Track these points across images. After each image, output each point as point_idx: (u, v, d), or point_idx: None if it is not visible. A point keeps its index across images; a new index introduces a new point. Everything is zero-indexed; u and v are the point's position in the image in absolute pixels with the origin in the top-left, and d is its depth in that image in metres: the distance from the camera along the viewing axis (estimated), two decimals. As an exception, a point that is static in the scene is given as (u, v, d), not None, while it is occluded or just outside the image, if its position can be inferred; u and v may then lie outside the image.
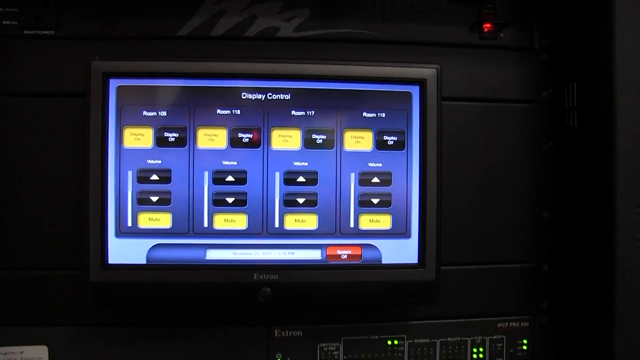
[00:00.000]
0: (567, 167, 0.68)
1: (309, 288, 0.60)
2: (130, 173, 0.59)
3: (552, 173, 0.69)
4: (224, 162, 0.60)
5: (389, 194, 0.61)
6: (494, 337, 0.69)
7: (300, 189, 0.61)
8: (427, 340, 0.68)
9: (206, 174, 0.60)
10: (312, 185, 0.61)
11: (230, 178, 0.60)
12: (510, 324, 0.69)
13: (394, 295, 0.61)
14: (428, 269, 0.61)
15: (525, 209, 0.69)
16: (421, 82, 0.61)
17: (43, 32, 0.63)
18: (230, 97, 0.60)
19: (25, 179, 0.63)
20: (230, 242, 0.60)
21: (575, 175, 0.68)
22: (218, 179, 0.60)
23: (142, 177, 0.60)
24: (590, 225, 0.64)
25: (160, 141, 0.60)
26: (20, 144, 0.63)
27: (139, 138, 0.60)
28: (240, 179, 0.60)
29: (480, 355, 0.69)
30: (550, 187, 0.69)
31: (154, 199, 0.59)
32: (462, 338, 0.68)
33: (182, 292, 0.59)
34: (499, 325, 0.69)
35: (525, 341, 0.70)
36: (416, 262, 0.62)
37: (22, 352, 0.64)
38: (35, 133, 0.63)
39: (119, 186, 0.59)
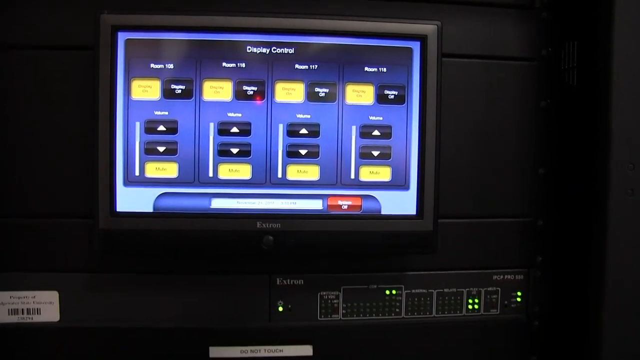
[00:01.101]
0: (564, 124, 0.70)
1: (310, 237, 0.62)
2: (138, 124, 0.61)
3: (549, 130, 0.70)
4: (229, 114, 0.62)
5: (389, 147, 0.63)
6: (489, 288, 0.71)
7: (303, 141, 0.62)
8: (424, 291, 0.70)
9: (211, 125, 0.61)
10: (314, 137, 0.62)
11: (235, 129, 0.62)
12: (505, 276, 0.71)
13: (393, 245, 0.63)
14: (426, 220, 0.63)
15: (522, 165, 0.70)
16: (422, 38, 0.62)
17: (52, -15, 0.64)
18: (235, 51, 0.61)
19: (36, 130, 0.64)
20: (234, 191, 0.62)
21: (571, 132, 0.69)
22: (223, 130, 0.62)
23: (150, 128, 0.61)
24: (585, 180, 0.66)
25: (167, 93, 0.61)
26: (30, 97, 0.64)
27: (146, 90, 0.61)
28: (245, 131, 0.62)
29: (476, 306, 0.71)
30: (547, 143, 0.70)
31: (161, 149, 0.61)
32: (458, 289, 0.70)
33: (187, 240, 0.61)
34: (494, 277, 0.71)
35: (519, 293, 0.72)
36: (414, 213, 0.63)
37: (34, 296, 0.67)
38: (45, 86, 0.64)
39: (127, 137, 0.61)
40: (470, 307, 0.71)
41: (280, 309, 0.68)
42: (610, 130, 0.61)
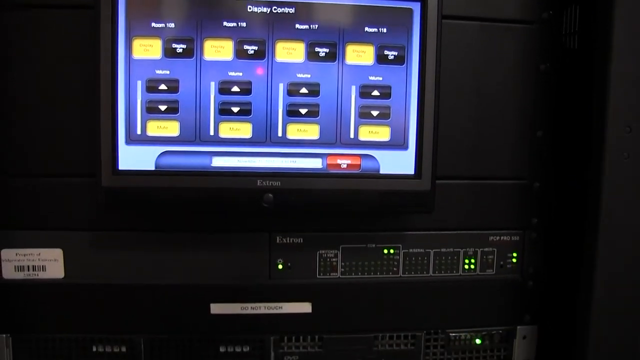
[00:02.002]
0: (563, 88, 0.70)
1: (310, 195, 0.63)
2: (139, 83, 0.62)
3: (547, 93, 0.71)
4: (230, 73, 0.62)
5: (388, 107, 0.64)
6: (485, 249, 0.72)
7: (303, 100, 0.63)
8: (422, 250, 0.71)
9: (212, 84, 0.62)
10: (314, 97, 0.63)
11: (235, 88, 0.62)
12: (501, 237, 0.72)
13: (391, 204, 0.64)
14: (424, 180, 0.64)
15: (520, 127, 0.71)
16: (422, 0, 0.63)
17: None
18: (236, 10, 0.62)
19: (38, 89, 0.65)
20: (235, 149, 0.63)
21: (570, 96, 0.70)
22: (224, 89, 0.62)
23: (151, 87, 0.62)
24: (581, 143, 0.66)
25: (169, 52, 0.61)
26: (32, 56, 0.64)
27: (147, 49, 0.61)
28: (245, 90, 0.62)
29: (472, 266, 0.72)
30: (545, 107, 0.71)
31: (162, 107, 0.62)
32: (455, 249, 0.72)
33: (188, 197, 0.62)
34: (491, 238, 0.72)
35: (514, 254, 0.73)
36: (413, 173, 0.64)
37: (39, 254, 0.68)
38: (47, 45, 0.65)
39: (128, 95, 0.61)
40: (466, 267, 0.72)
41: (280, 266, 0.69)
42: (609, 94, 0.62)
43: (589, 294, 0.66)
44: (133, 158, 0.62)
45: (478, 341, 0.74)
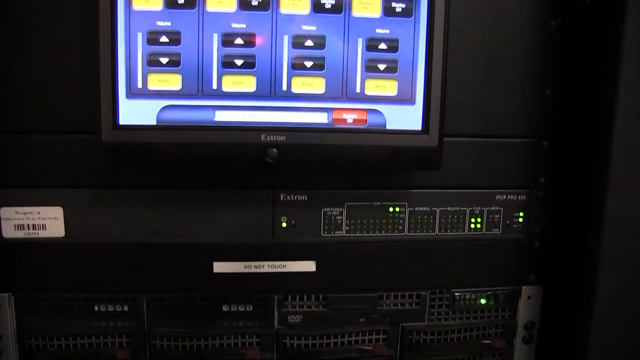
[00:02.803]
0: (574, 45, 0.69)
1: (315, 150, 0.62)
2: (139, 35, 0.60)
3: (557, 50, 0.69)
4: (233, 25, 0.60)
5: (395, 61, 0.62)
6: (492, 208, 0.71)
7: (308, 53, 0.61)
8: (427, 209, 0.70)
9: (215, 36, 0.60)
10: (319, 49, 0.61)
11: (239, 40, 0.60)
12: (508, 196, 0.71)
13: (398, 161, 0.63)
14: (431, 136, 0.63)
15: (529, 85, 0.69)
16: (431, -51, 0.61)
17: None
18: (239, -41, 0.60)
19: (37, 43, 0.63)
20: (238, 103, 0.61)
21: (581, 53, 0.68)
22: (227, 41, 0.60)
23: (152, 39, 0.60)
24: (591, 102, 0.65)
25: (170, 3, 0.60)
26: (29, 9, 0.63)
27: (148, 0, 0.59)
28: (249, 42, 0.61)
29: (478, 225, 0.71)
30: (555, 64, 0.69)
31: (164, 60, 0.60)
32: (461, 208, 0.71)
33: (191, 152, 0.61)
34: (497, 197, 0.71)
35: (521, 213, 0.72)
36: (420, 128, 0.63)
37: (39, 212, 0.67)
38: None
39: (129, 48, 0.60)
40: (472, 226, 0.71)
41: (284, 224, 0.68)
42: (621, 51, 0.60)
43: (595, 255, 0.65)
44: (134, 112, 0.61)
45: (483, 301, 0.73)
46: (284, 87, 0.61)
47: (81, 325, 0.70)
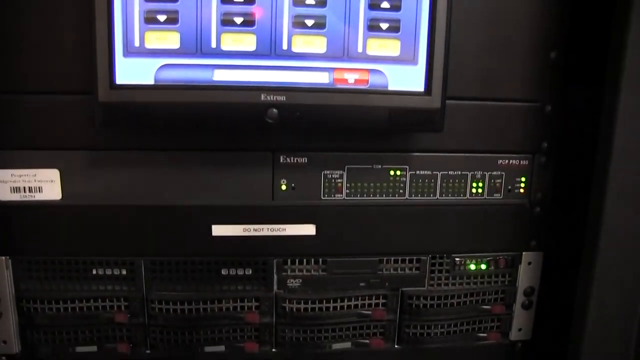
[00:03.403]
0: (579, 6, 0.67)
1: (315, 110, 0.61)
2: (137, -9, 0.58)
3: (563, 12, 0.67)
4: (232, -19, 0.59)
5: (398, 20, 0.61)
6: (494, 173, 0.71)
7: (309, 11, 0.60)
8: (429, 172, 0.69)
9: (214, -8, 0.59)
10: (321, 7, 0.60)
11: (238, -3, 0.59)
12: (510, 161, 0.71)
13: (400, 122, 0.62)
14: (434, 97, 0.62)
15: (533, 48, 0.68)
16: None
17: None
18: None
19: (32, 4, 0.61)
20: (238, 62, 0.60)
21: (587, 15, 0.67)
22: (226, -2, 0.59)
23: (149, -4, 0.58)
24: (597, 65, 0.64)
25: (168, -42, 0.58)
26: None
27: (145, -46, 0.58)
28: (249, -1, 0.59)
29: (480, 190, 0.71)
30: (561, 26, 0.68)
31: (161, 18, 0.59)
32: (463, 172, 0.70)
33: (189, 112, 0.60)
34: (499, 161, 0.70)
35: (523, 179, 0.71)
36: (422, 89, 0.62)
37: (35, 175, 0.66)
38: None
39: (125, 5, 0.58)
40: (474, 190, 0.70)
41: (284, 187, 0.68)
42: (630, 12, 0.59)
43: (597, 221, 0.64)
44: (131, 71, 0.59)
45: (483, 266, 0.73)
46: (284, 46, 0.60)
47: (79, 288, 0.70)
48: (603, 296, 0.67)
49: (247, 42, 0.60)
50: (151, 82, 0.60)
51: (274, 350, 0.73)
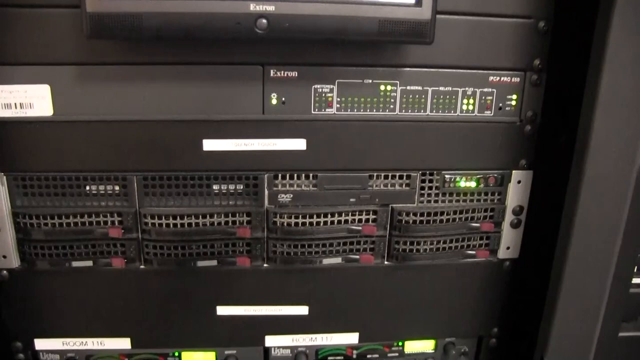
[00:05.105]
0: None
1: (305, 20, 0.60)
2: None
3: None
4: None
5: None
6: (485, 89, 0.70)
7: None
8: (419, 88, 0.69)
9: None
10: None
11: None
12: (502, 78, 0.70)
13: (390, 33, 0.61)
14: (424, 8, 0.61)
15: (527, -39, 0.67)
16: None
17: None
18: None
19: None
20: (226, -30, 0.59)
21: None
22: None
23: None
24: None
25: None
26: None
27: None
28: None
29: (470, 107, 0.71)
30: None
31: None
32: (454, 88, 0.70)
33: (178, 23, 0.59)
34: (491, 78, 0.70)
35: (514, 96, 0.71)
36: (412, 0, 0.61)
37: (25, 90, 0.66)
38: None
39: None
40: (465, 107, 0.70)
41: (274, 101, 0.68)
42: None
43: (586, 139, 0.65)
44: (119, -19, 0.58)
45: (473, 184, 0.74)
46: (273, -46, 0.59)
47: (74, 204, 0.71)
48: (588, 215, 0.67)
49: (234, -51, 0.59)
50: (139, -10, 0.59)
51: (265, 265, 0.75)
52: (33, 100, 0.66)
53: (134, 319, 0.77)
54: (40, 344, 0.78)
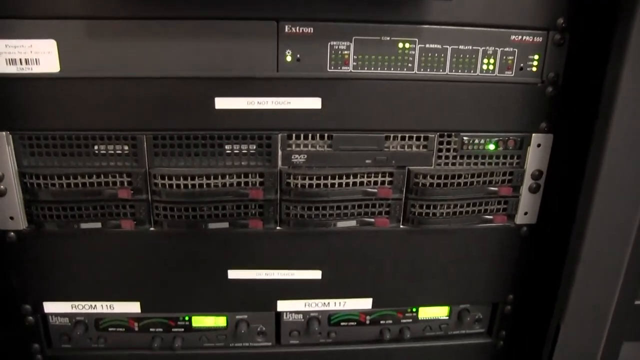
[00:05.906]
0: None
1: (322, -29, 0.57)
2: None
3: None
4: None
5: None
6: (506, 49, 0.68)
7: None
8: (439, 46, 0.67)
9: None
10: None
11: None
12: (524, 37, 0.68)
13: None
14: (446, -40, 0.58)
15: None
16: None
17: None
18: None
19: None
20: None
21: None
22: None
23: None
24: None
25: None
26: None
27: None
28: None
29: (491, 67, 0.68)
30: None
31: None
32: (474, 47, 0.67)
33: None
34: (512, 37, 0.68)
35: (536, 57, 0.69)
36: (435, -49, 0.58)
37: (31, 45, 0.64)
38: None
39: None
40: (485, 67, 0.68)
41: (289, 58, 0.65)
42: None
43: (611, 102, 0.62)
44: None
45: (492, 147, 0.72)
46: None
47: (82, 164, 0.69)
48: (611, 179, 0.65)
49: None
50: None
51: (278, 227, 0.73)
52: (39, 56, 0.64)
53: (143, 283, 0.76)
54: (49, 307, 0.77)
